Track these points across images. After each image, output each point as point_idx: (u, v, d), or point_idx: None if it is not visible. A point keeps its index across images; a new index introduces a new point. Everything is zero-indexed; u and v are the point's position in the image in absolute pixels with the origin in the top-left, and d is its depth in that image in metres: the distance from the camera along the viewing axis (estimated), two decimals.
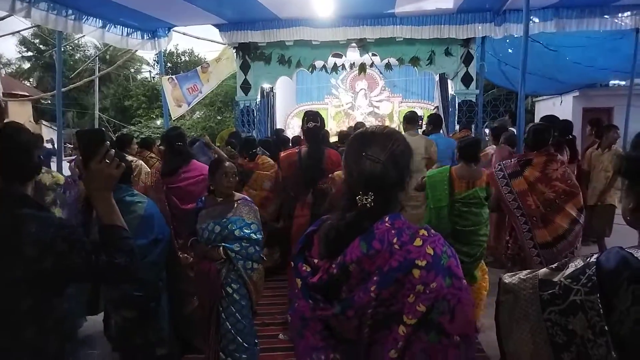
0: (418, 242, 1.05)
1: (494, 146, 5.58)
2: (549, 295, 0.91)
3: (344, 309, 1.05)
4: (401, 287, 1.01)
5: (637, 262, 0.83)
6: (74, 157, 9.08)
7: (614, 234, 5.27)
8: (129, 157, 4.90)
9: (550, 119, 4.27)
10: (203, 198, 2.94)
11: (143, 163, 4.87)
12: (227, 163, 2.88)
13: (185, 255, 3.36)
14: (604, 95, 11.89)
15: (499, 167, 3.37)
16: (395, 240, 1.04)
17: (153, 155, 5.89)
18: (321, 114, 3.67)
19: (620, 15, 6.47)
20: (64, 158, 5.92)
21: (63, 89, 7.08)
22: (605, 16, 6.44)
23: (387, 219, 1.08)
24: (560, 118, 4.41)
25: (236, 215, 2.75)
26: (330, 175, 3.33)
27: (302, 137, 6.71)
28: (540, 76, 9.36)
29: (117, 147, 4.89)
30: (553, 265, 0.96)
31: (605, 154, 5.33)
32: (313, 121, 3.50)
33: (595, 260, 0.89)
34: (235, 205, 2.80)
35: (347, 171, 1.15)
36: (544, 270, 0.97)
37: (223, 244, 2.69)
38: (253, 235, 2.72)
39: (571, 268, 0.91)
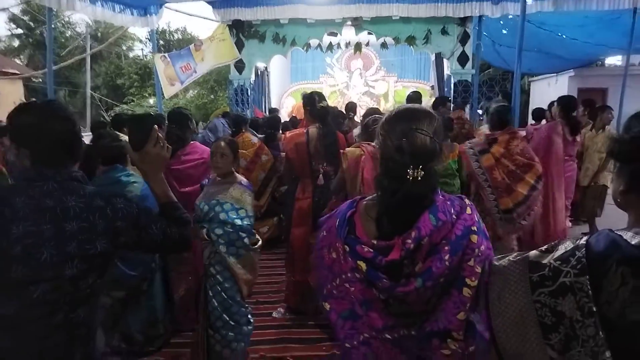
0: (468, 210, 1.16)
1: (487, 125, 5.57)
2: (539, 277, 0.92)
3: (424, 281, 1.09)
4: (464, 253, 1.10)
5: (626, 245, 0.84)
6: None
7: (605, 215, 5.32)
8: (125, 137, 4.86)
9: (570, 99, 4.27)
10: (209, 177, 2.88)
11: None
12: (217, 142, 2.79)
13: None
14: (599, 75, 11.87)
15: (469, 145, 3.55)
16: (452, 210, 1.13)
17: None
18: None
19: None
20: None
21: (54, 67, 6.97)
22: None
23: (438, 191, 1.16)
24: (554, 97, 4.43)
25: (226, 198, 2.68)
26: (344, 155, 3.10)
27: (297, 118, 6.67)
28: (537, 52, 9.30)
29: (111, 127, 4.86)
30: (543, 248, 0.97)
31: (599, 135, 5.34)
32: (322, 98, 3.51)
33: (584, 242, 0.90)
34: (231, 187, 2.74)
35: (393, 147, 1.15)
36: (533, 252, 0.98)
37: (206, 225, 2.65)
38: (237, 222, 2.59)
39: (561, 250, 0.92)
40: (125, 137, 4.85)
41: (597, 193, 5.29)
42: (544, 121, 5.93)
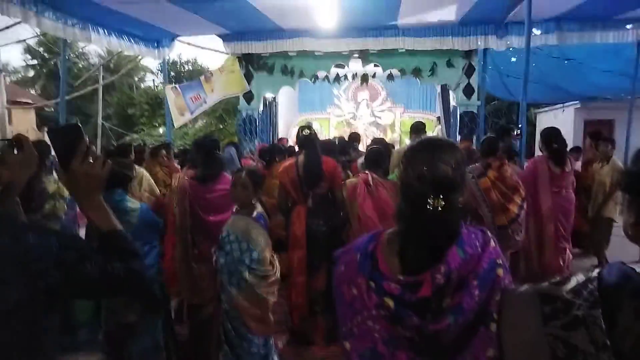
0: (492, 243, 1.14)
1: None
2: (551, 309, 0.91)
3: (456, 317, 1.05)
4: (491, 287, 1.08)
5: (638, 279, 0.83)
6: None
7: (613, 247, 5.26)
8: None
9: (549, 131, 4.37)
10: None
11: (146, 171, 4.87)
12: (238, 173, 2.80)
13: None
14: (605, 107, 11.90)
15: (468, 170, 3.69)
16: (477, 243, 1.12)
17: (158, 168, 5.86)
18: (323, 124, 3.82)
19: (621, 28, 6.51)
20: None
21: (67, 97, 7.12)
22: (607, 30, 6.49)
23: (462, 224, 1.14)
24: (562, 130, 4.46)
25: (234, 230, 2.65)
26: (342, 182, 3.60)
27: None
28: (543, 84, 9.38)
29: (117, 155, 4.92)
30: (554, 280, 0.96)
31: (604, 168, 5.35)
32: (308, 129, 3.76)
33: (596, 275, 0.89)
34: (243, 220, 2.70)
35: (414, 175, 1.14)
36: (545, 284, 0.97)
37: (218, 253, 2.67)
38: (237, 254, 2.59)
39: (573, 282, 0.91)
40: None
41: (603, 226, 5.26)
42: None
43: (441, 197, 1.09)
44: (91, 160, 1.17)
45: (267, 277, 2.67)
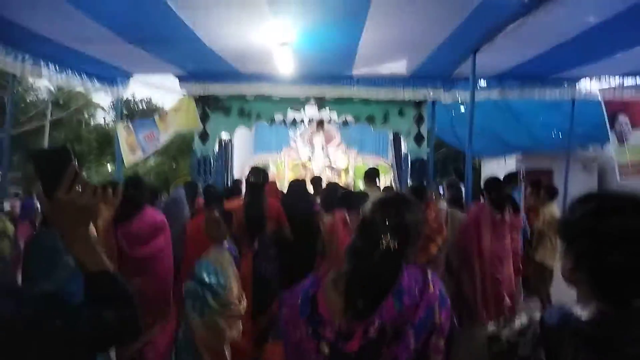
0: (431, 287, 1.17)
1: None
2: (498, 350, 0.95)
3: None
4: (429, 332, 1.11)
5: (576, 320, 0.89)
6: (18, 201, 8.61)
7: (558, 287, 5.50)
8: None
9: (490, 180, 4.58)
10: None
11: None
12: (211, 212, 2.99)
13: None
14: (544, 157, 12.70)
15: None
16: (416, 290, 1.14)
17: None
18: (279, 165, 3.93)
19: (558, 86, 7.07)
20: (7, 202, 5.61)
21: (12, 132, 6.82)
22: (545, 87, 7.03)
23: (404, 268, 1.18)
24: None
25: (207, 257, 2.77)
26: (322, 220, 3.98)
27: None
28: (488, 135, 9.91)
29: None
30: (499, 321, 1.00)
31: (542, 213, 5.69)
32: (254, 176, 4.03)
33: (539, 317, 0.95)
34: (214, 250, 2.85)
35: (380, 220, 1.20)
36: (491, 326, 1.01)
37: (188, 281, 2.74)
38: (205, 277, 2.64)
39: (517, 324, 0.96)
40: None
41: (537, 270, 5.50)
42: None
43: (396, 240, 1.14)
44: (80, 189, 1.03)
45: (230, 308, 2.67)
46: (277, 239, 4.08)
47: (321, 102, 7.94)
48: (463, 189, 5.88)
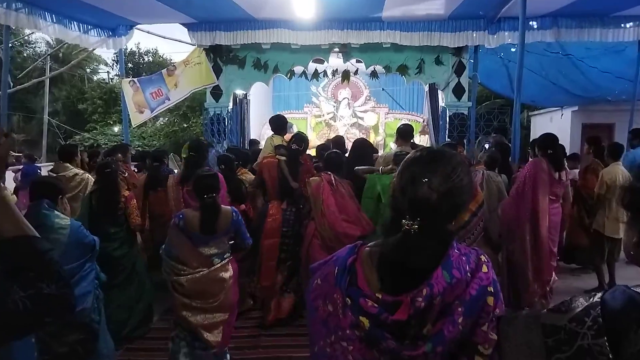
0: (484, 268, 1.13)
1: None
2: (554, 341, 0.92)
3: (434, 345, 1.06)
4: (479, 316, 1.08)
5: None
6: (20, 167, 8.87)
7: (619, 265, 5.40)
8: (74, 171, 4.82)
9: (545, 137, 4.46)
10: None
11: (90, 176, 4.78)
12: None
13: None
14: (605, 110, 12.20)
15: None
16: (467, 267, 1.11)
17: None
18: (300, 124, 3.95)
19: (622, 26, 6.72)
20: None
21: (9, 90, 6.94)
22: (606, 27, 6.70)
23: (454, 244, 1.13)
24: (558, 134, 4.55)
25: None
26: (306, 180, 4.28)
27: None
28: (540, 85, 9.52)
29: (60, 159, 4.88)
30: (554, 307, 0.97)
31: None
32: (297, 144, 4.48)
33: (599, 300, 0.91)
34: None
35: (398, 190, 1.15)
36: (545, 313, 0.98)
37: None
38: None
39: (574, 310, 0.92)
40: (76, 171, 4.83)
41: (595, 241, 5.37)
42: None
43: (418, 219, 1.09)
44: None
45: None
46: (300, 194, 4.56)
47: (346, 50, 7.76)
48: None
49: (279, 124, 5.11)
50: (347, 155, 5.29)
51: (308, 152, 4.92)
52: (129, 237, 4.14)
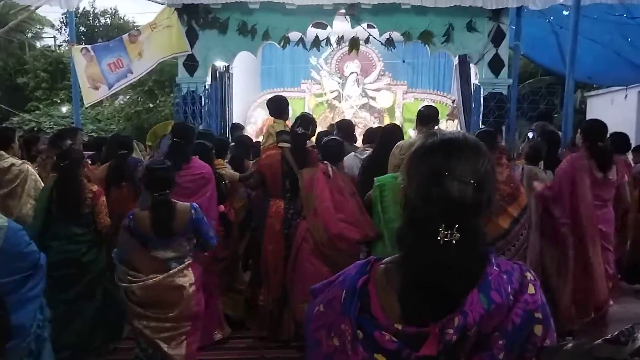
0: (531, 289, 1.11)
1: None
2: None
3: None
4: (524, 348, 1.08)
5: None
6: None
7: None
8: (11, 160, 4.82)
9: (593, 124, 4.47)
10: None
11: (30, 167, 4.80)
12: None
13: None
14: None
15: None
16: (508, 288, 1.08)
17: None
18: (296, 105, 3.98)
19: None
20: None
21: None
22: None
23: (492, 259, 1.11)
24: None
25: None
26: (300, 175, 4.38)
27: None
28: (601, 57, 9.43)
29: None
30: (611, 337, 0.97)
31: None
32: (303, 127, 4.54)
33: None
34: None
35: (419, 195, 1.12)
36: (599, 344, 0.98)
37: None
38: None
39: (637, 341, 0.93)
40: (13, 161, 4.84)
41: None
42: None
43: (457, 226, 1.07)
44: None
45: None
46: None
47: (355, 13, 7.75)
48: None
49: (279, 106, 5.10)
50: (362, 146, 5.37)
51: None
52: (97, 239, 4.28)
